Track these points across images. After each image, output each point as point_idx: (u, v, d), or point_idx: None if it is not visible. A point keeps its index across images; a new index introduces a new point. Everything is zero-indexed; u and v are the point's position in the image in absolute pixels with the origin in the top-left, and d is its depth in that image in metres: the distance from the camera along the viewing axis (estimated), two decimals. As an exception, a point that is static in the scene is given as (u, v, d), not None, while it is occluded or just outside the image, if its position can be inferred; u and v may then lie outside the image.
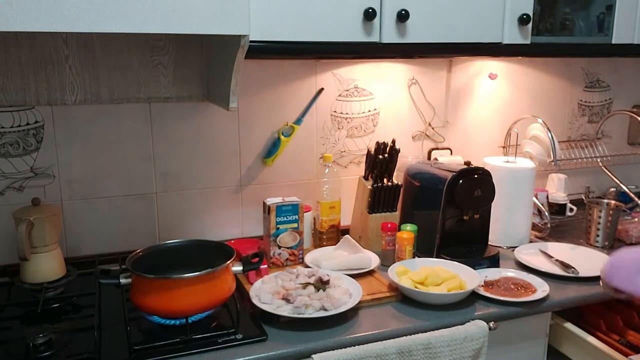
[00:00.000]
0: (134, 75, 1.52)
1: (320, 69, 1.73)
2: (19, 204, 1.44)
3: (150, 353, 1.10)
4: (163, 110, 1.58)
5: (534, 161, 1.84)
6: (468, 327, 1.25)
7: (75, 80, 1.47)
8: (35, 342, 1.12)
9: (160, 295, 1.16)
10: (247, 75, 1.62)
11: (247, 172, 1.71)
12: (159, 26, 1.09)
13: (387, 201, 1.66)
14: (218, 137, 1.65)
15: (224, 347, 1.13)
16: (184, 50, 1.55)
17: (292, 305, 1.25)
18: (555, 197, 1.99)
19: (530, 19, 1.53)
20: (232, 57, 1.23)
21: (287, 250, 1.54)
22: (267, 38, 1.27)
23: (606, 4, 1.69)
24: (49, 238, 1.38)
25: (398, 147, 1.66)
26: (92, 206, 1.55)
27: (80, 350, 1.12)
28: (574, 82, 2.14)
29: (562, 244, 1.72)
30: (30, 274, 1.37)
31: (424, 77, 1.87)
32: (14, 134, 1.45)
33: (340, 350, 1.14)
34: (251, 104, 1.67)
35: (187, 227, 1.65)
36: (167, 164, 1.61)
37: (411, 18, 1.39)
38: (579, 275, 1.48)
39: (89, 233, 1.56)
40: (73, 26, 1.03)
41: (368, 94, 1.81)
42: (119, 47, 1.49)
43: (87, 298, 1.35)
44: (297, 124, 1.71)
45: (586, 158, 2.07)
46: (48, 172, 1.50)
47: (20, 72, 1.42)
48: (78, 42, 1.46)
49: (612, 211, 1.72)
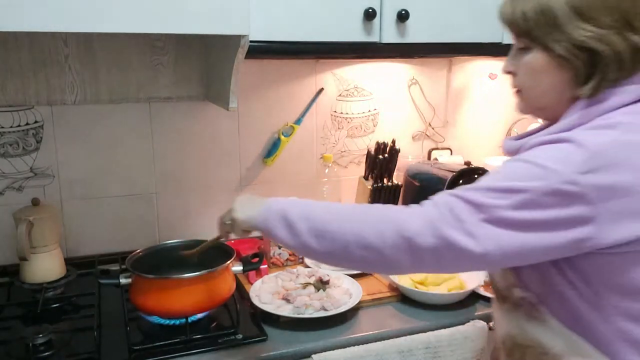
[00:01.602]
0: (134, 75, 1.52)
1: (320, 69, 1.72)
2: (18, 204, 1.44)
3: (150, 353, 1.10)
4: (163, 110, 1.58)
5: (534, 161, 1.84)
6: (468, 327, 1.25)
7: (75, 80, 1.47)
8: (35, 342, 1.12)
9: (160, 295, 1.16)
10: (247, 75, 1.62)
11: (247, 172, 1.71)
12: (159, 26, 1.09)
13: (387, 201, 1.66)
14: (218, 137, 1.65)
15: (224, 347, 1.13)
16: (184, 50, 1.55)
17: (292, 305, 1.25)
18: (555, 197, 1.99)
19: (530, 19, 1.52)
20: (232, 57, 1.23)
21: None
22: (267, 38, 1.27)
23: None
24: (49, 238, 1.38)
25: (398, 147, 1.66)
26: (92, 206, 1.55)
27: (80, 350, 1.13)
28: (574, 82, 2.13)
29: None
30: (30, 274, 1.37)
31: (424, 77, 1.87)
32: (13, 134, 1.45)
33: (340, 350, 1.14)
34: (251, 104, 1.67)
35: (187, 227, 1.65)
36: (167, 164, 1.61)
37: (411, 18, 1.39)
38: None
39: (89, 233, 1.56)
40: (73, 26, 1.03)
41: (368, 94, 1.81)
42: (119, 47, 1.49)
43: (87, 298, 1.35)
44: (297, 124, 1.71)
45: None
46: (48, 172, 1.50)
47: (20, 72, 1.42)
48: (78, 42, 1.46)
49: (612, 211, 1.71)
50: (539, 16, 0.84)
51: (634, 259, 0.81)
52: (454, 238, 0.80)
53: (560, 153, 0.79)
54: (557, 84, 0.86)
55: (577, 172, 0.76)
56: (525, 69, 0.90)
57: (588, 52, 0.82)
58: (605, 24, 0.81)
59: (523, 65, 0.90)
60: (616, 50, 0.81)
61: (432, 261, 0.84)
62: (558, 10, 0.82)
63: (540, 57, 0.87)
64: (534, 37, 0.86)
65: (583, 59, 0.83)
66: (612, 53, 0.81)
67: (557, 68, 0.85)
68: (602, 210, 0.77)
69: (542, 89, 0.89)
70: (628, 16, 0.81)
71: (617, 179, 0.77)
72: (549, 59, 0.85)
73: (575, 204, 0.77)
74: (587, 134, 0.80)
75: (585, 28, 0.81)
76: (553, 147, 0.81)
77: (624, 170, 0.77)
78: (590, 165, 0.76)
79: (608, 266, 0.82)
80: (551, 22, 0.83)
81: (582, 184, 0.76)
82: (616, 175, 0.77)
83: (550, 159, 0.79)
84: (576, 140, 0.78)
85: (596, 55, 0.82)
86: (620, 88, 0.83)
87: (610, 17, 0.81)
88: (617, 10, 0.81)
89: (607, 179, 0.76)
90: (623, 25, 0.81)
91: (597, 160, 0.77)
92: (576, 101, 0.85)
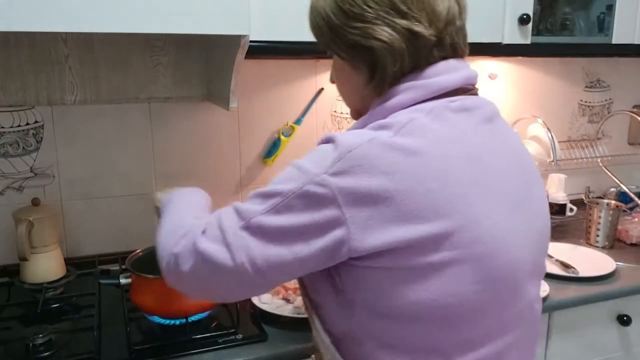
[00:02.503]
0: (134, 75, 1.52)
1: (320, 69, 1.72)
2: (19, 204, 1.44)
3: (150, 353, 1.10)
4: (163, 110, 1.58)
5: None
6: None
7: (75, 80, 1.47)
8: (35, 342, 1.12)
9: (160, 295, 1.16)
10: (247, 75, 1.62)
11: (247, 172, 1.71)
12: (159, 26, 1.09)
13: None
14: (218, 137, 1.65)
15: (224, 347, 1.13)
16: (184, 50, 1.55)
17: (292, 305, 1.25)
18: (555, 197, 1.99)
19: (530, 19, 1.52)
20: (232, 57, 1.23)
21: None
22: (267, 38, 1.27)
23: (606, 4, 1.69)
24: (49, 238, 1.38)
25: (398, 147, 1.66)
26: (92, 206, 1.55)
27: (80, 350, 1.12)
28: (574, 82, 2.14)
29: (562, 244, 1.72)
30: (30, 274, 1.37)
31: (424, 77, 1.87)
32: (13, 134, 1.45)
33: (340, 350, 1.14)
34: (251, 104, 1.67)
35: (187, 227, 1.65)
36: (167, 164, 1.61)
37: (411, 18, 1.39)
38: (579, 275, 1.48)
39: (89, 233, 1.56)
40: (73, 26, 1.03)
41: (368, 94, 1.80)
42: (119, 47, 1.49)
43: (87, 298, 1.35)
44: (297, 124, 1.71)
45: (586, 158, 2.07)
46: (48, 172, 1.50)
47: (20, 72, 1.42)
48: (78, 42, 1.46)
49: (612, 211, 1.72)
50: (320, 25, 0.83)
51: (390, 276, 0.71)
52: (209, 250, 0.73)
53: (319, 154, 0.74)
54: (355, 86, 0.84)
55: (327, 174, 0.70)
56: (334, 76, 0.90)
57: (364, 50, 0.78)
58: (371, 18, 0.76)
59: (332, 73, 0.90)
60: (386, 41, 0.76)
61: (192, 281, 0.77)
62: (329, 16, 0.80)
63: (337, 63, 0.86)
64: (324, 45, 0.85)
65: (363, 59, 0.79)
66: (383, 46, 0.76)
67: (351, 71, 0.83)
68: (353, 215, 0.69)
69: (347, 93, 0.88)
70: (392, 2, 0.76)
71: (366, 183, 0.68)
72: (343, 63, 0.84)
73: (326, 207, 0.70)
74: (351, 134, 0.73)
75: (355, 26, 0.78)
76: (319, 147, 0.76)
77: (377, 175, 0.68)
78: (340, 167, 0.70)
79: (364, 282, 0.73)
80: (327, 29, 0.82)
81: (330, 185, 0.69)
82: (366, 180, 0.68)
83: (308, 160, 0.74)
84: (336, 141, 0.72)
85: (372, 51, 0.77)
86: (404, 84, 0.78)
87: (373, 9, 0.76)
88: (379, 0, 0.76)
89: (356, 183, 0.69)
90: (388, 13, 0.76)
91: (348, 162, 0.69)
92: (372, 101, 0.82)
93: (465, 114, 0.78)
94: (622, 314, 1.48)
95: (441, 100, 0.77)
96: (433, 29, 0.77)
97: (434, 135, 0.73)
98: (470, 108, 0.79)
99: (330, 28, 0.81)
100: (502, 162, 0.78)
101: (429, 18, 0.77)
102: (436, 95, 0.78)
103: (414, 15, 0.76)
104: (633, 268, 1.57)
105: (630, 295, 1.47)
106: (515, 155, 0.82)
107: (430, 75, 0.78)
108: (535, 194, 0.83)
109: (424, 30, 0.76)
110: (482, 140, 0.77)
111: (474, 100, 0.80)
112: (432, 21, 0.77)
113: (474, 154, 0.75)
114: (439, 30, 0.78)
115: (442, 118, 0.75)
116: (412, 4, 0.76)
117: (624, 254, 1.67)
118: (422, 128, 0.73)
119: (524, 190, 0.80)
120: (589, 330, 1.47)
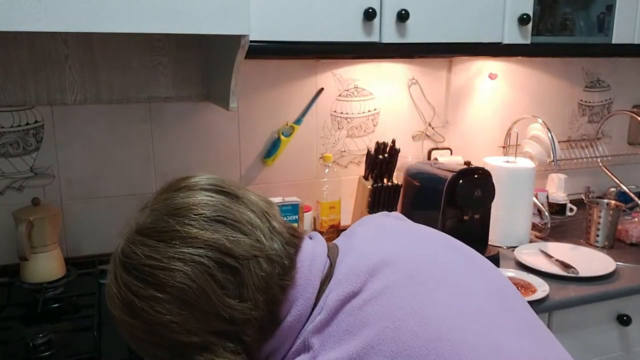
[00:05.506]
0: (134, 75, 1.52)
1: (320, 69, 1.72)
2: (19, 204, 1.44)
3: (150, 353, 1.10)
4: (163, 110, 1.58)
5: (534, 161, 1.84)
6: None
7: (75, 80, 1.47)
8: (35, 342, 1.12)
9: (160, 295, 1.15)
10: (247, 75, 1.62)
11: (247, 172, 1.71)
12: (159, 26, 1.09)
13: (387, 201, 1.66)
14: (218, 137, 1.65)
15: (224, 347, 1.13)
16: (184, 50, 1.55)
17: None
18: (555, 197, 1.99)
19: (530, 19, 1.53)
20: (232, 57, 1.23)
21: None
22: (267, 38, 1.27)
23: (606, 4, 1.69)
24: (49, 238, 1.38)
25: (398, 147, 1.66)
26: (92, 206, 1.55)
27: (80, 350, 1.13)
28: (574, 82, 2.14)
29: (562, 244, 1.72)
30: (30, 274, 1.37)
31: (424, 77, 1.87)
32: (13, 133, 1.45)
33: (340, 350, 1.14)
34: (251, 104, 1.67)
35: (187, 227, 1.65)
36: (167, 164, 1.61)
37: (411, 18, 1.39)
38: (579, 275, 1.48)
39: (89, 233, 1.56)
40: (73, 26, 1.03)
41: (368, 94, 1.81)
42: (119, 47, 1.49)
43: (86, 298, 1.35)
44: (297, 124, 1.71)
45: (586, 158, 2.07)
46: (48, 172, 1.50)
47: (20, 72, 1.42)
48: (78, 42, 1.46)
49: (612, 211, 1.72)
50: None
51: None
52: None
53: None
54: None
55: None
56: None
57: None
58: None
59: None
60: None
61: None
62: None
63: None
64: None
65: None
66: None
67: None
68: None
69: None
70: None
71: None
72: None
73: None
74: None
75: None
76: None
77: None
78: None
79: None
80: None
81: None
82: None
83: None
84: None
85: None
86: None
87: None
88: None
89: None
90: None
91: None
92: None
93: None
94: (622, 314, 1.48)
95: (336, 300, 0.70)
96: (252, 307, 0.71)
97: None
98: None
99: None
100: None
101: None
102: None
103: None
104: (633, 268, 1.57)
105: (630, 295, 1.47)
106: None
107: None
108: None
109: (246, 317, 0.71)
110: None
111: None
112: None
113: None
114: (257, 302, 0.72)
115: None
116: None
117: (624, 254, 1.67)
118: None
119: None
120: (589, 330, 1.47)
